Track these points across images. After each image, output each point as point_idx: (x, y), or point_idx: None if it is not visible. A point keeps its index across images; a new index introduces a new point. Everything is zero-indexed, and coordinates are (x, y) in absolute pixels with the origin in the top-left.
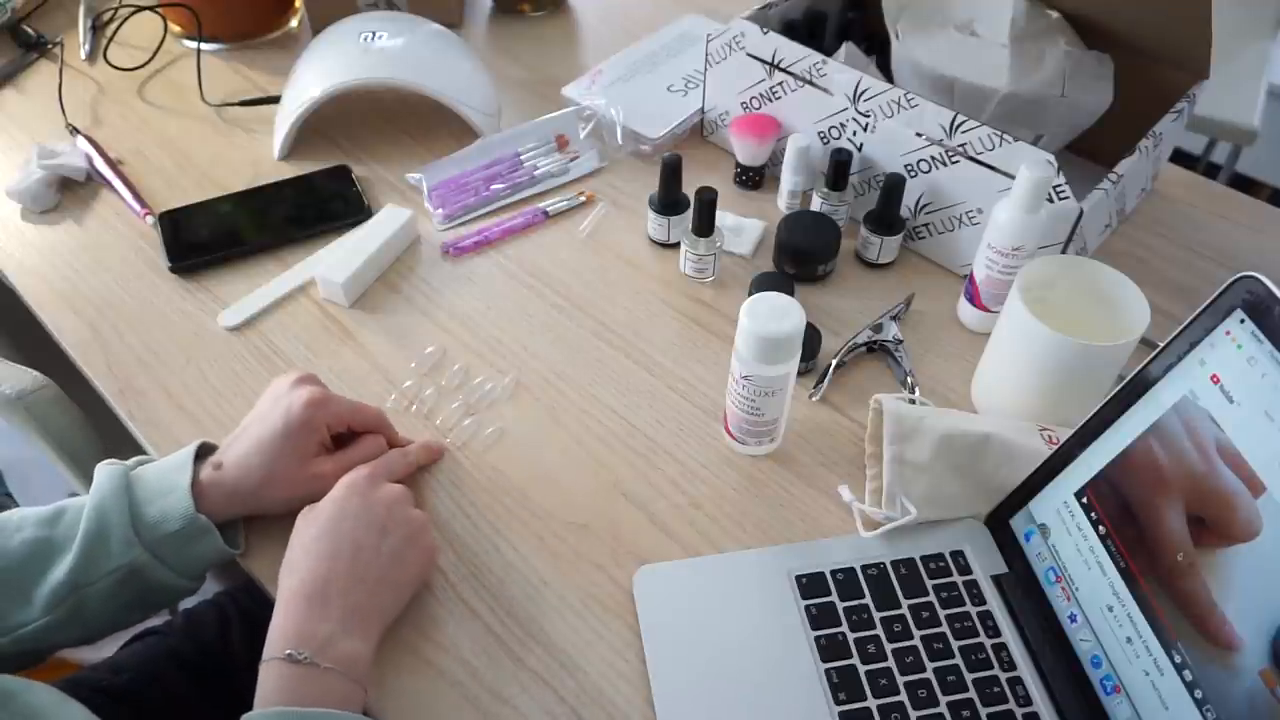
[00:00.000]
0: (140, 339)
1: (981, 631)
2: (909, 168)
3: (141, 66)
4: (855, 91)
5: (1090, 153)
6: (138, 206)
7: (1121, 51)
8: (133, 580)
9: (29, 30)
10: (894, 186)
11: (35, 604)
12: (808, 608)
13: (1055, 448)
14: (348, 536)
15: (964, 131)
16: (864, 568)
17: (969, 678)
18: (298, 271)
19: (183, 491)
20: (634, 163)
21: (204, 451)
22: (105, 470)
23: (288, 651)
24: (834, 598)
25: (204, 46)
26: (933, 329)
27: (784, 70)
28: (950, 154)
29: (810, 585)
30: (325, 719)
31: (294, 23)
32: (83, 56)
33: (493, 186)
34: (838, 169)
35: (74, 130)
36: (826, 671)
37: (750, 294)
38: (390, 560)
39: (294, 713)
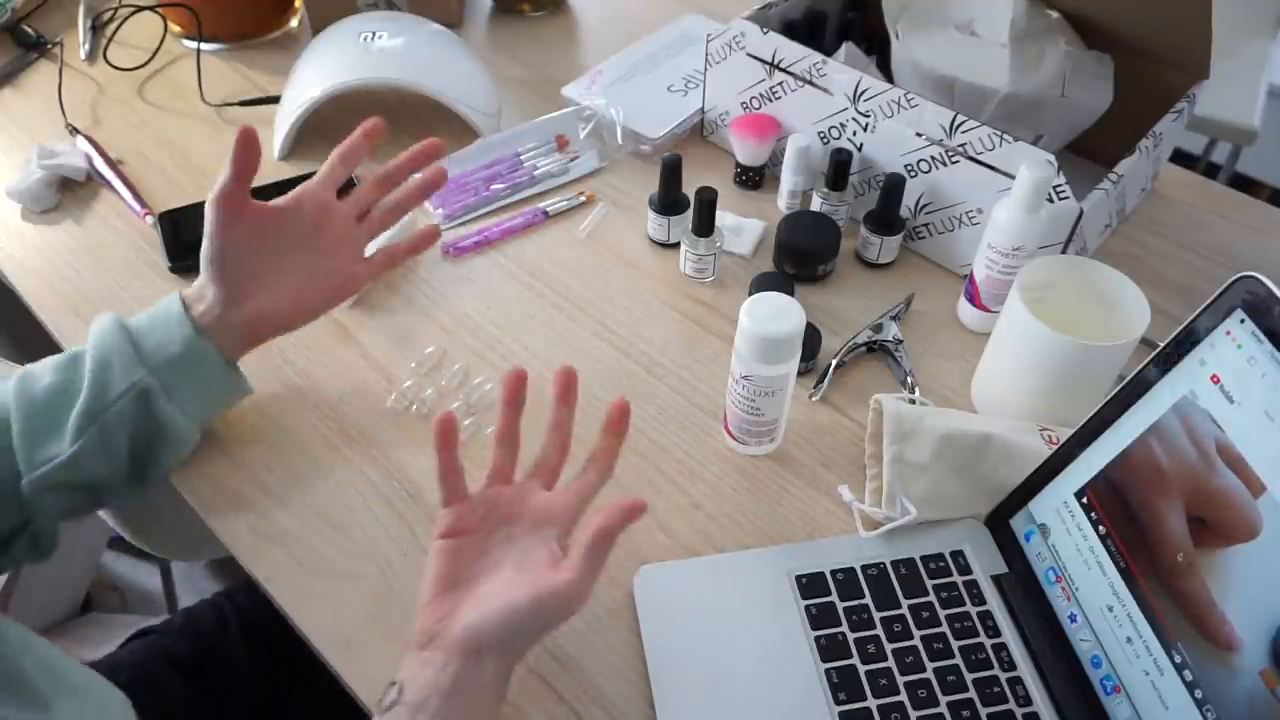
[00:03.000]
0: None
1: (981, 631)
2: (909, 168)
3: (141, 66)
4: (855, 91)
5: (1090, 153)
6: (138, 206)
7: (1121, 51)
8: (144, 407)
9: (29, 30)
10: (894, 186)
11: (65, 435)
12: (808, 608)
13: (1055, 448)
14: None
15: (964, 131)
16: (864, 568)
17: (969, 678)
18: None
19: (177, 314)
20: (634, 163)
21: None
22: (99, 319)
23: None
24: (834, 598)
25: (204, 46)
26: (933, 329)
27: (784, 70)
28: (950, 154)
29: (810, 585)
30: None
31: (294, 23)
32: (83, 56)
33: (493, 186)
34: (838, 169)
35: (74, 130)
36: (826, 671)
37: (750, 294)
38: None
39: None
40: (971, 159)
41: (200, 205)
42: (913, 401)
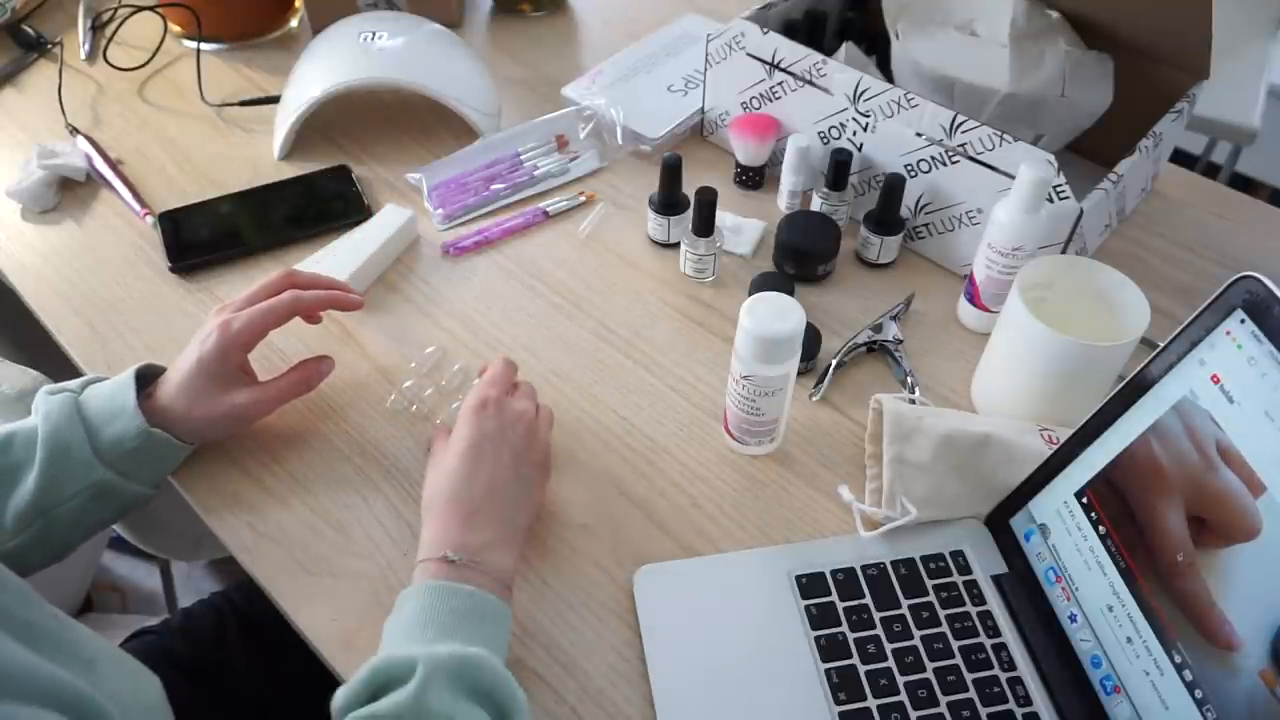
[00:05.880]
0: (140, 339)
1: (981, 631)
2: (909, 168)
3: (141, 66)
4: (855, 91)
5: (1090, 153)
6: (137, 206)
7: (1121, 51)
8: (101, 496)
9: (29, 30)
10: (894, 186)
11: (2, 528)
12: (808, 608)
13: (1055, 448)
14: (487, 460)
15: (964, 131)
16: (864, 568)
17: (969, 678)
18: None
19: (131, 410)
20: (634, 163)
21: (150, 373)
22: (52, 399)
23: (444, 553)
24: (834, 598)
25: (204, 46)
26: (933, 329)
27: (784, 70)
28: (950, 154)
29: (810, 585)
30: (479, 597)
31: (294, 23)
32: (83, 56)
33: (493, 186)
34: (838, 169)
35: (74, 130)
36: (826, 671)
37: (750, 294)
38: (520, 484)
39: (449, 586)
40: (971, 159)
41: (200, 205)
42: (913, 401)
